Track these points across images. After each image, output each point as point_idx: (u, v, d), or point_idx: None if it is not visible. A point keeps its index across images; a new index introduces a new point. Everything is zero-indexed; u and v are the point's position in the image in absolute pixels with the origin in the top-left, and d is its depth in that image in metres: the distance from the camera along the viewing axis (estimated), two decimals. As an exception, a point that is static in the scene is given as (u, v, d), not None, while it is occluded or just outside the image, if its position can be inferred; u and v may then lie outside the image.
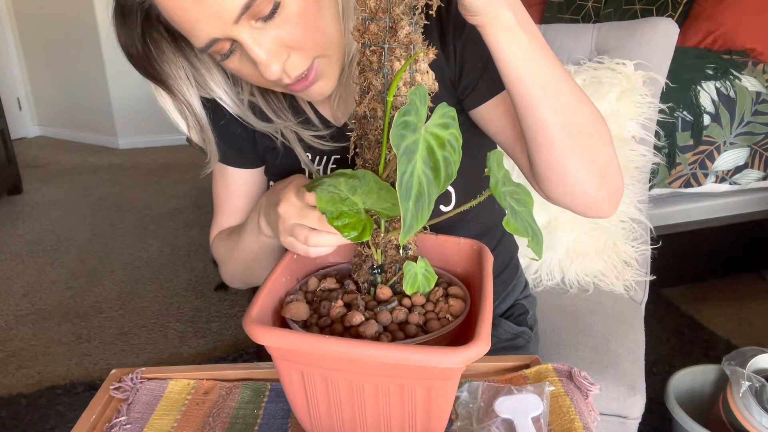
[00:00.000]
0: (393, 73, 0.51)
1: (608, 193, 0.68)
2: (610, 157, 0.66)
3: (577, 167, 0.65)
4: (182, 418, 0.60)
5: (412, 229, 0.45)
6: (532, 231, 0.52)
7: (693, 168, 1.85)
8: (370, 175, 0.52)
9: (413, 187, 0.45)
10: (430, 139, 0.47)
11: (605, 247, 1.26)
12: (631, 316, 1.18)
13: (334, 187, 0.50)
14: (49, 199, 3.33)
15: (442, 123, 0.48)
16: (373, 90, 0.52)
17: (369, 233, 0.50)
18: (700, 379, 1.47)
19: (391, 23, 0.50)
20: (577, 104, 0.63)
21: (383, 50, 0.51)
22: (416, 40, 0.51)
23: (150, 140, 4.42)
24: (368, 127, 0.54)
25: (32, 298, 2.28)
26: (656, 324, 1.99)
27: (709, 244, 2.06)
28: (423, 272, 0.55)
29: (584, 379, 0.64)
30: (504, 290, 0.99)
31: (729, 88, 1.81)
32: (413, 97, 0.46)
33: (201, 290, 2.32)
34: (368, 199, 0.51)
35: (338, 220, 0.49)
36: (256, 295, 0.52)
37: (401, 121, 0.45)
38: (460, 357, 0.44)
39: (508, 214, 0.50)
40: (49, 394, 1.73)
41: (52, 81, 4.50)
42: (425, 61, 0.52)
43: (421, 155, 0.46)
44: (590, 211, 0.70)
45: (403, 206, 0.44)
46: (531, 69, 0.59)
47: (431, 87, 0.53)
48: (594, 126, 0.64)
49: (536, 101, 0.61)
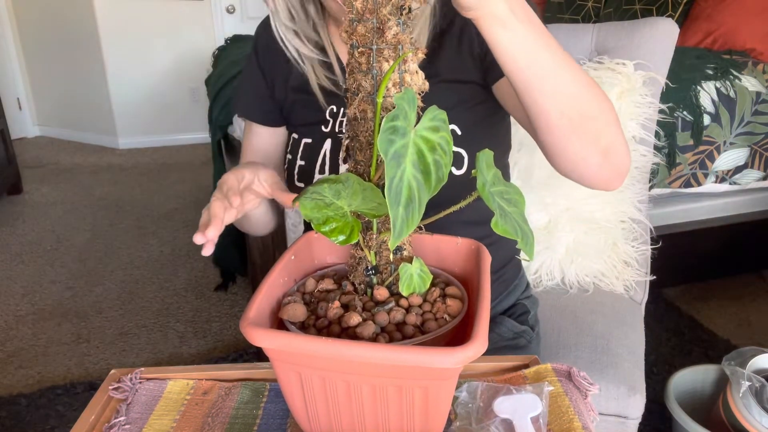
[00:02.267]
0: (382, 75, 0.51)
1: (612, 170, 0.69)
2: (614, 135, 0.67)
3: (578, 148, 0.66)
4: (181, 418, 0.60)
5: (402, 235, 0.45)
6: (522, 232, 0.52)
7: (693, 168, 1.85)
8: (353, 178, 0.52)
9: (403, 192, 0.45)
10: (420, 143, 0.47)
11: (605, 247, 1.26)
12: (631, 316, 1.18)
13: (318, 194, 0.51)
14: (49, 199, 3.33)
15: (433, 126, 0.48)
16: (363, 91, 0.52)
17: (357, 235, 0.50)
18: (700, 379, 1.47)
19: (378, 24, 0.50)
20: (578, 89, 0.63)
21: (371, 51, 0.51)
22: (404, 41, 0.51)
23: (150, 140, 4.42)
24: (359, 129, 0.54)
25: (32, 298, 2.28)
26: (656, 324, 1.99)
27: (709, 244, 2.06)
28: (418, 273, 0.55)
29: (583, 379, 0.64)
30: (506, 288, 0.99)
31: (729, 88, 1.81)
32: (401, 102, 0.46)
33: (201, 290, 2.33)
34: (353, 202, 0.51)
35: (325, 225, 0.50)
36: (254, 297, 0.52)
37: (389, 126, 0.44)
38: (456, 357, 0.44)
39: (497, 215, 0.50)
40: (49, 394, 1.73)
41: (52, 81, 4.50)
42: (414, 62, 0.52)
43: (410, 159, 0.46)
44: (597, 185, 0.72)
45: (393, 212, 0.44)
46: (528, 59, 0.59)
47: (421, 87, 0.53)
48: (597, 108, 0.65)
49: (534, 89, 0.62)
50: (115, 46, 4.18)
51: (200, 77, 3.56)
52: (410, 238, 0.58)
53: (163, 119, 4.42)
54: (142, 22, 4.18)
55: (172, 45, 4.29)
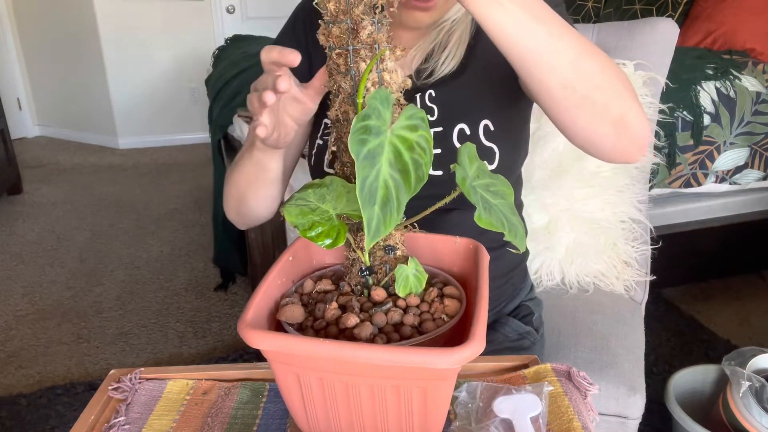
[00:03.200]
0: (360, 75, 0.51)
1: (629, 140, 0.67)
2: (627, 105, 0.64)
3: (588, 121, 0.64)
4: (181, 418, 0.60)
5: (379, 234, 0.44)
6: (510, 223, 0.51)
7: (693, 168, 1.85)
8: (337, 180, 0.52)
9: (378, 191, 0.44)
10: (397, 142, 0.46)
11: (605, 247, 1.26)
12: (631, 316, 1.18)
13: (302, 199, 0.51)
14: (49, 199, 3.33)
15: (410, 125, 0.47)
16: (343, 93, 0.52)
17: (343, 238, 0.50)
18: (700, 379, 1.47)
19: (352, 25, 0.50)
20: (579, 59, 0.60)
21: (348, 52, 0.50)
22: (380, 40, 0.51)
23: (150, 140, 4.42)
24: (342, 131, 0.53)
25: (32, 298, 2.28)
26: (656, 324, 1.99)
27: (709, 244, 2.06)
28: (414, 273, 0.54)
29: (583, 379, 0.64)
30: (513, 291, 0.99)
31: (729, 88, 1.81)
32: (373, 101, 0.45)
33: (201, 290, 2.33)
34: (338, 205, 0.51)
35: (311, 230, 0.49)
36: (251, 299, 0.52)
37: (360, 126, 0.44)
38: (454, 357, 0.43)
39: (480, 209, 0.49)
40: (49, 394, 1.73)
41: (52, 81, 4.50)
42: (392, 60, 0.52)
43: (387, 158, 0.45)
44: (615, 158, 0.70)
45: (368, 211, 0.43)
46: (522, 36, 0.57)
47: (401, 85, 0.52)
48: (603, 77, 0.62)
49: (532, 65, 0.60)
50: (115, 46, 4.17)
51: (200, 77, 3.56)
52: (402, 238, 0.57)
53: (163, 119, 4.42)
54: (142, 22, 4.18)
55: (172, 45, 4.29)
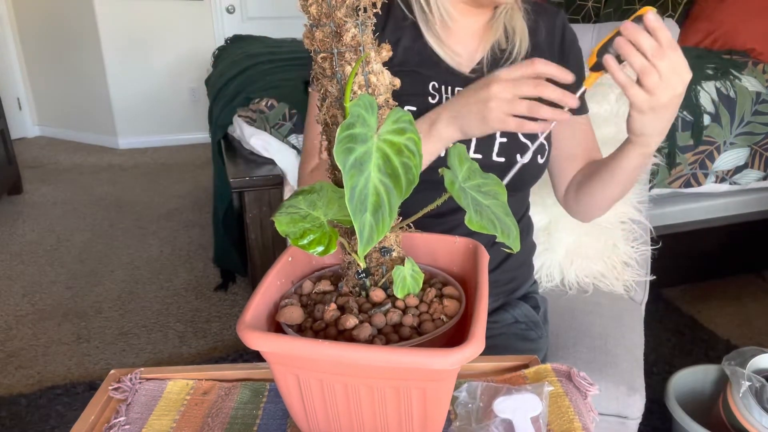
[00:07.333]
0: (346, 78, 0.50)
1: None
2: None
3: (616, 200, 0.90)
4: (181, 418, 0.60)
5: (372, 241, 0.44)
6: (502, 224, 0.51)
7: (693, 168, 1.85)
8: (327, 186, 0.51)
9: (369, 197, 0.44)
10: (385, 147, 0.46)
11: (605, 248, 1.26)
12: (630, 317, 1.18)
13: (293, 207, 0.50)
14: (49, 199, 3.33)
15: (397, 129, 0.47)
16: (330, 97, 0.51)
17: (335, 245, 0.49)
18: (700, 379, 1.47)
19: (336, 27, 0.49)
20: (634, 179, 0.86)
21: (333, 56, 0.50)
22: (365, 42, 0.50)
23: (150, 140, 4.42)
24: (332, 135, 0.53)
25: (32, 298, 2.28)
26: (656, 324, 1.99)
27: (709, 244, 2.06)
28: (411, 273, 0.54)
29: (583, 379, 0.63)
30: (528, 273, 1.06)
31: (729, 88, 1.81)
32: (357, 108, 0.45)
33: (201, 290, 2.33)
34: (329, 211, 0.51)
35: (303, 238, 0.49)
36: (250, 300, 0.52)
37: (345, 135, 0.43)
38: (453, 358, 0.43)
39: (470, 212, 0.49)
40: (49, 394, 1.73)
41: (52, 81, 4.50)
42: (378, 61, 0.51)
43: (375, 164, 0.45)
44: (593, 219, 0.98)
45: (359, 220, 0.43)
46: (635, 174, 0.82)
47: (388, 86, 0.52)
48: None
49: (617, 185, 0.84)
50: (115, 46, 4.17)
51: (200, 77, 3.55)
52: (398, 239, 0.57)
53: (163, 119, 4.42)
54: (142, 22, 4.18)
55: (172, 45, 4.29)
